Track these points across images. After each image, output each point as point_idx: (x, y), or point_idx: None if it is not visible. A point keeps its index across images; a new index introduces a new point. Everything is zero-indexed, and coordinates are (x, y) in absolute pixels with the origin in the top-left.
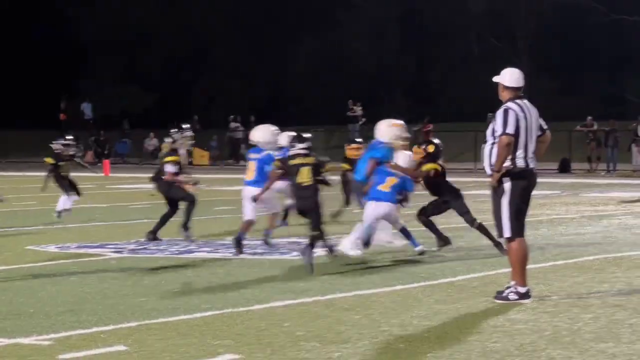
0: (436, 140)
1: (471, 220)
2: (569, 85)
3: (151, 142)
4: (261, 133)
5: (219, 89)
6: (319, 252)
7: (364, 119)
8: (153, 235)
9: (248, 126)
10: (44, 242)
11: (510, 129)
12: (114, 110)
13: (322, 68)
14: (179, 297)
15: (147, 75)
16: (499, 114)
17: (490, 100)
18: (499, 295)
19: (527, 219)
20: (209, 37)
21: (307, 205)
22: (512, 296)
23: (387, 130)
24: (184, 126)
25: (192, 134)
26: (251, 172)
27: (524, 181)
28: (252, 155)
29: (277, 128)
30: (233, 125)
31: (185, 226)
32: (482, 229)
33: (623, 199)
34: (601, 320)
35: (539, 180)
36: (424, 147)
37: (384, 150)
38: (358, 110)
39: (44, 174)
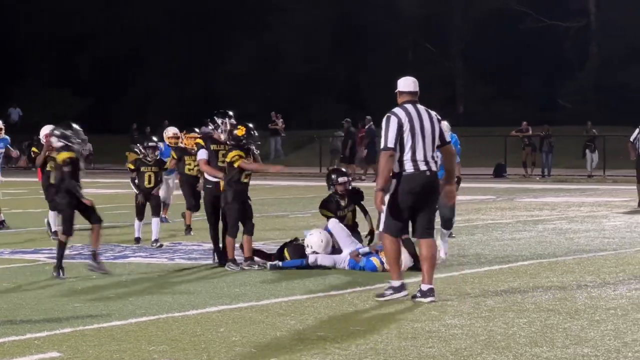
0: None
1: None
2: (504, 90)
3: (86, 147)
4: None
5: (153, 92)
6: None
7: (284, 134)
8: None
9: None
10: None
11: (391, 142)
12: (46, 114)
13: (255, 72)
14: (113, 302)
15: (79, 79)
16: (383, 121)
17: (424, 104)
18: (379, 294)
19: (463, 224)
20: (142, 39)
21: None
22: (388, 292)
23: None
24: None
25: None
26: None
27: (410, 185)
28: None
29: None
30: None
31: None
32: None
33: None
34: (536, 324)
35: (475, 185)
36: None
37: None
38: (279, 122)
39: None
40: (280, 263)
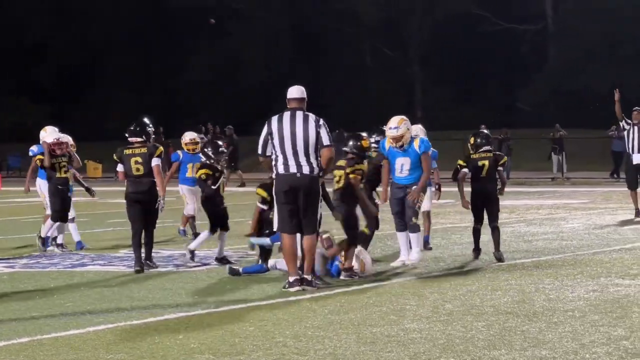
0: None
1: None
2: (463, 94)
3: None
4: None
5: (112, 100)
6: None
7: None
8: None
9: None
10: None
11: (260, 150)
12: (4, 123)
13: (216, 79)
14: (71, 311)
15: (38, 87)
16: None
17: (384, 109)
18: (283, 285)
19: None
20: (101, 47)
21: None
22: (286, 285)
23: None
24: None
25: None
26: None
27: (280, 185)
28: None
29: None
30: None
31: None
32: None
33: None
34: (494, 327)
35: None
36: None
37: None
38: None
39: None
40: (240, 269)
